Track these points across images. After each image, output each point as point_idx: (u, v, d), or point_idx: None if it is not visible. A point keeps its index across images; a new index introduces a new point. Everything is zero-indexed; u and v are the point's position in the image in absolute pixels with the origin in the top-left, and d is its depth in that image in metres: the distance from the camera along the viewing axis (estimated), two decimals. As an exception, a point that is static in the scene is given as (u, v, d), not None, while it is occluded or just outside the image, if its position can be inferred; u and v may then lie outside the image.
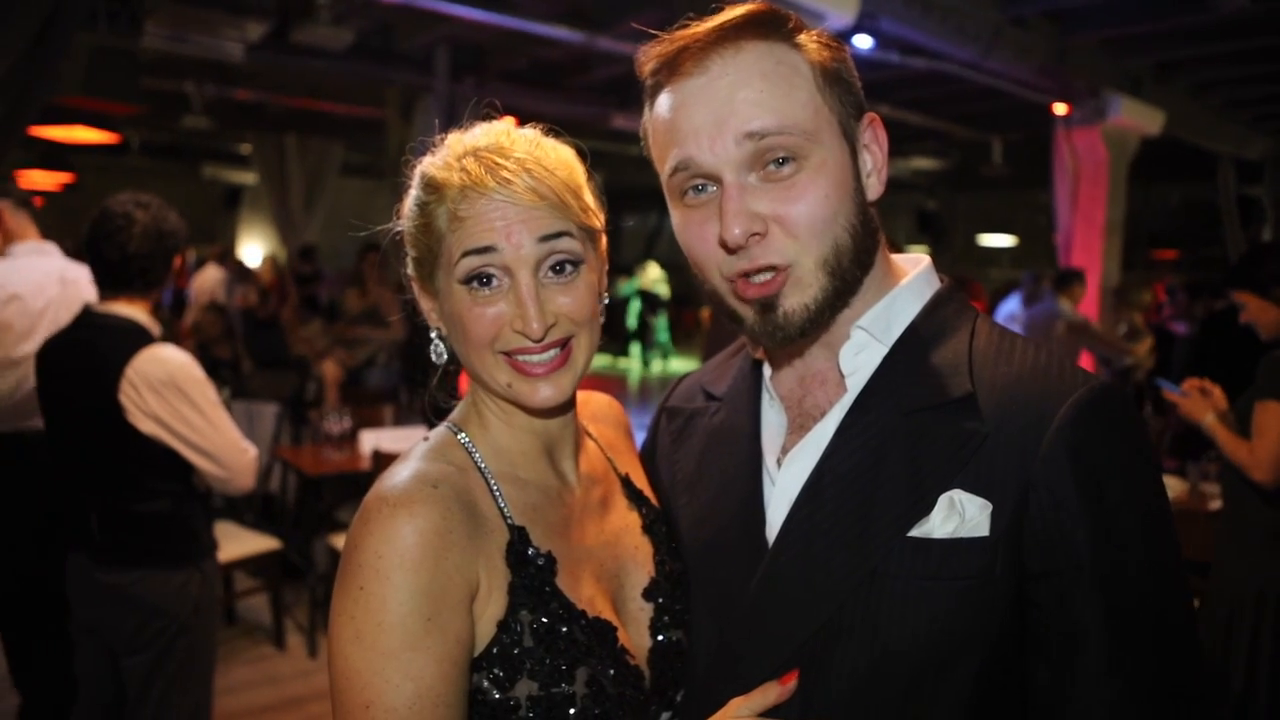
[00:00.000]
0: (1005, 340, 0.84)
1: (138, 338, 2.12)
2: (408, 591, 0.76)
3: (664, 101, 0.85)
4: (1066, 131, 7.94)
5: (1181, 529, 2.83)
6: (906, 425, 0.79)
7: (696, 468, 0.96)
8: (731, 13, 0.80)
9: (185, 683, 2.20)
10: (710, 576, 0.89)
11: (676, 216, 0.86)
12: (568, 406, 0.95)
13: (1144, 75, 8.07)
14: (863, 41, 6.13)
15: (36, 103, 3.19)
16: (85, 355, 2.11)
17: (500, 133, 0.95)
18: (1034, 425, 0.73)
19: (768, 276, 0.78)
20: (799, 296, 0.79)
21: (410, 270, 0.93)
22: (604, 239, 0.97)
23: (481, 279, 0.85)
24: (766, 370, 0.95)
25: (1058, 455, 0.72)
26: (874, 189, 0.84)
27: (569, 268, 0.87)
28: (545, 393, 0.88)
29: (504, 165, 0.86)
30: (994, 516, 0.73)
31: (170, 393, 2.08)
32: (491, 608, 0.82)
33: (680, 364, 15.26)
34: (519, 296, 0.84)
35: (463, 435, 0.93)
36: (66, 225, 14.88)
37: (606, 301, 0.96)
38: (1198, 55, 7.77)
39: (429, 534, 0.77)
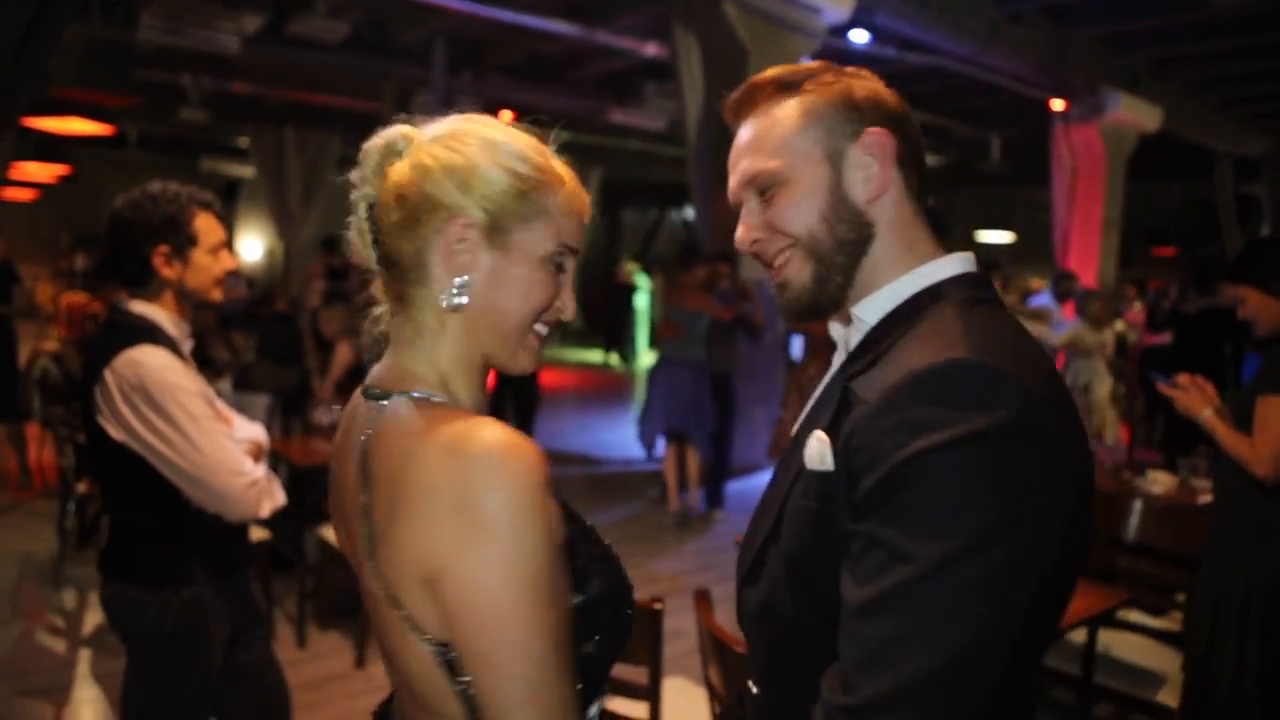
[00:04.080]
0: (957, 324, 0.90)
1: (133, 336, 1.89)
2: (544, 527, 0.84)
3: None
4: (1064, 128, 7.95)
5: (1172, 523, 2.82)
6: (835, 391, 0.97)
7: None
8: (763, 76, 1.03)
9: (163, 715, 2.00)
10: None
11: None
12: None
13: (1141, 72, 8.07)
14: (859, 36, 6.14)
15: (27, 94, 3.19)
16: (90, 352, 2.02)
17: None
18: (884, 384, 0.87)
19: (781, 260, 1.02)
20: (798, 278, 1.00)
21: (479, 217, 0.93)
22: None
23: (560, 266, 0.99)
24: None
25: (877, 410, 0.85)
26: (868, 192, 0.98)
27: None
28: (532, 361, 1.02)
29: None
30: (835, 455, 0.90)
31: (139, 398, 1.85)
32: None
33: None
34: (568, 287, 1.01)
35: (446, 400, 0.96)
36: (64, 218, 14.83)
37: None
38: (1195, 52, 7.77)
39: (543, 472, 0.86)
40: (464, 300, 0.94)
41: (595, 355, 15.64)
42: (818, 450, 0.91)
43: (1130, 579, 3.02)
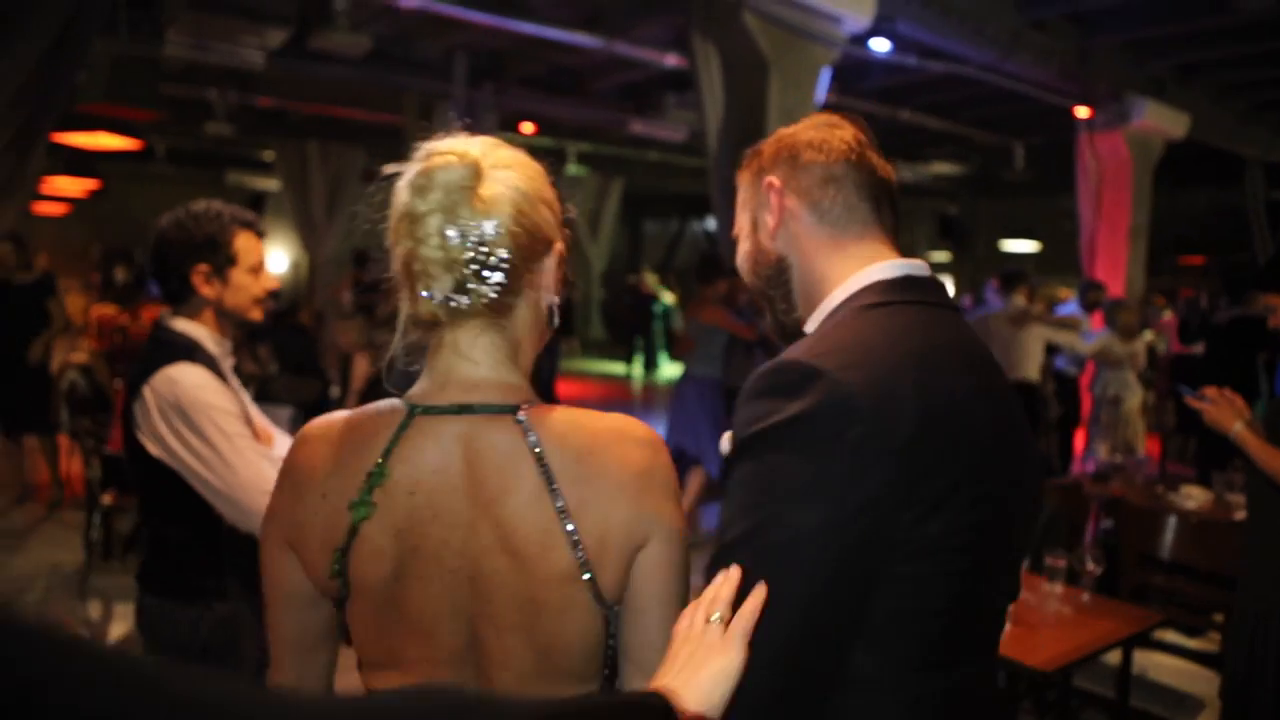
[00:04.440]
0: (829, 329, 1.02)
1: (173, 353, 1.94)
2: None
3: None
4: (1089, 135, 7.86)
5: (1208, 540, 2.76)
6: None
7: None
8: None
9: None
10: None
11: None
12: None
13: (1167, 78, 7.97)
14: (880, 44, 6.10)
15: (56, 110, 3.23)
16: (133, 368, 2.06)
17: None
18: None
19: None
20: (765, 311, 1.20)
21: (561, 247, 1.07)
22: None
23: None
24: None
25: (738, 406, 0.97)
26: (770, 231, 1.15)
27: None
28: None
29: None
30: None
31: (175, 417, 1.90)
32: None
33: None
34: None
35: None
36: (95, 232, 15.06)
37: None
38: (1221, 57, 7.66)
39: None
40: (556, 321, 1.09)
41: (618, 367, 15.63)
42: (726, 442, 1.02)
43: (1165, 598, 2.95)
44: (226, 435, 1.90)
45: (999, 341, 5.49)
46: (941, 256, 17.32)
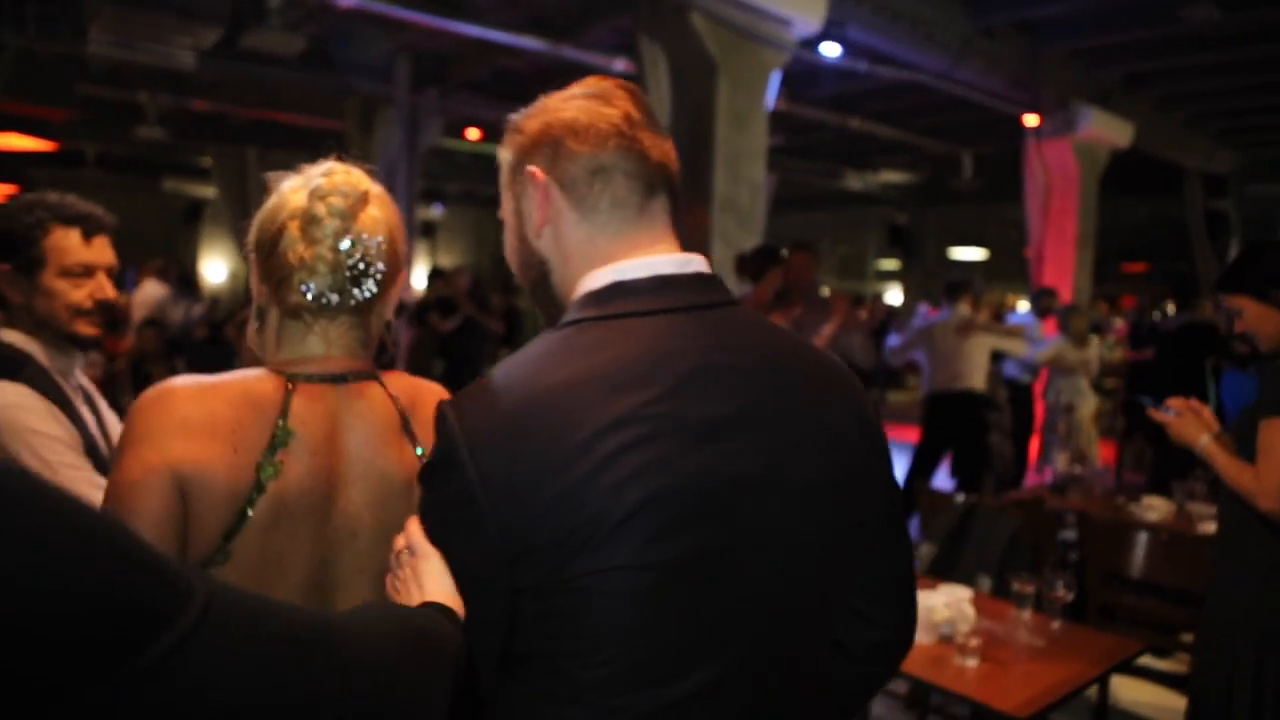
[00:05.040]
0: (513, 359, 0.95)
1: None
2: None
3: None
4: (1037, 144, 7.89)
5: (1171, 555, 2.64)
6: None
7: None
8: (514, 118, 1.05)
9: None
10: None
11: None
12: None
13: (1114, 87, 8.05)
14: (830, 49, 6.02)
15: None
16: None
17: None
18: None
19: None
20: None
21: (405, 275, 1.22)
22: None
23: None
24: None
25: None
26: (532, 229, 1.01)
27: None
28: None
29: None
30: None
31: None
32: None
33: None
34: None
35: None
36: (20, 240, 14.50)
37: None
38: (1166, 67, 7.76)
39: None
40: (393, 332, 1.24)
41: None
42: None
43: (1133, 618, 2.84)
44: (47, 464, 1.62)
45: (944, 351, 5.40)
46: (891, 264, 17.42)
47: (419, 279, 11.31)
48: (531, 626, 0.86)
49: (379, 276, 1.12)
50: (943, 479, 5.61)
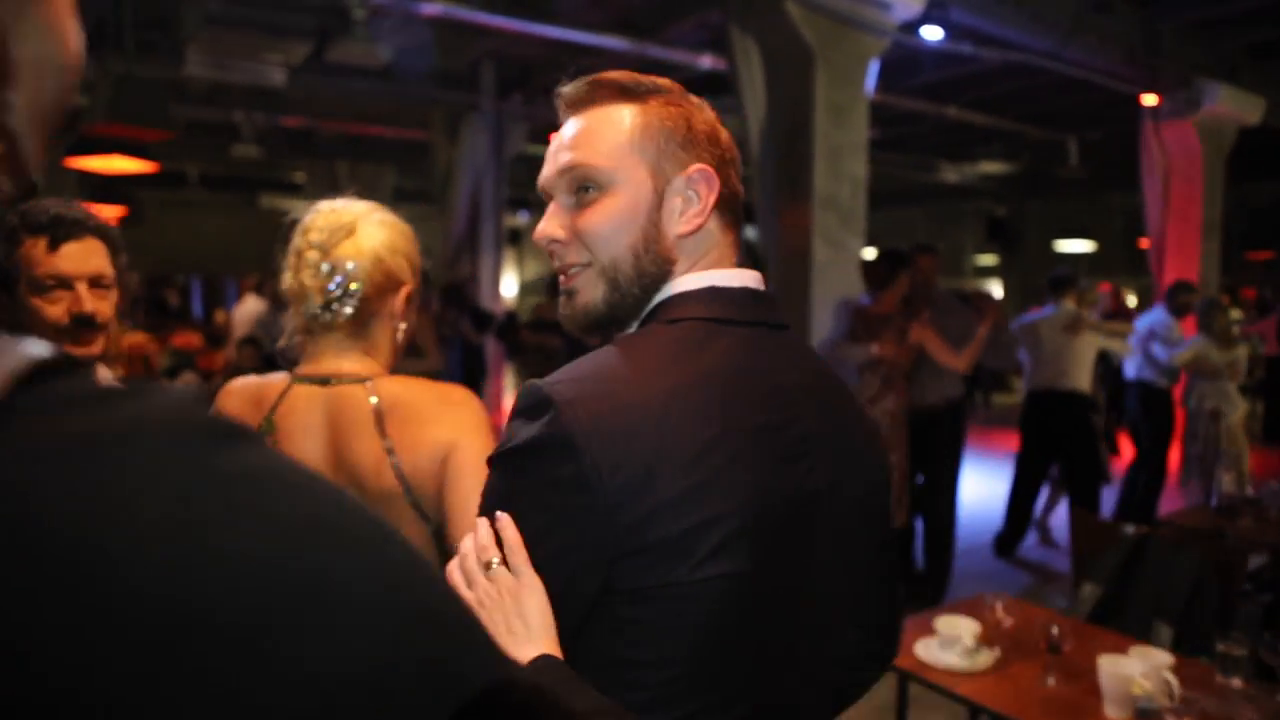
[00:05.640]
0: (604, 347, 0.93)
1: None
2: None
3: None
4: (1155, 125, 7.35)
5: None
6: None
7: None
8: (608, 75, 0.99)
9: None
10: None
11: None
12: None
13: (1240, 60, 7.44)
14: (932, 33, 5.69)
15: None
16: None
17: None
18: None
19: (574, 271, 0.98)
20: (587, 294, 0.97)
21: (409, 289, 1.44)
22: None
23: None
24: None
25: None
26: (681, 226, 0.96)
27: None
28: None
29: None
30: None
31: None
32: None
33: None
34: None
35: None
36: (132, 260, 15.25)
37: None
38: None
39: None
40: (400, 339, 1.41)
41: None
42: None
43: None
44: None
45: (1050, 349, 5.00)
46: (989, 260, 16.74)
47: (509, 289, 11.31)
48: (611, 633, 0.84)
49: (357, 298, 1.31)
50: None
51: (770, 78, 5.10)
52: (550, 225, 0.99)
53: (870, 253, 4.97)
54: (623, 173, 0.95)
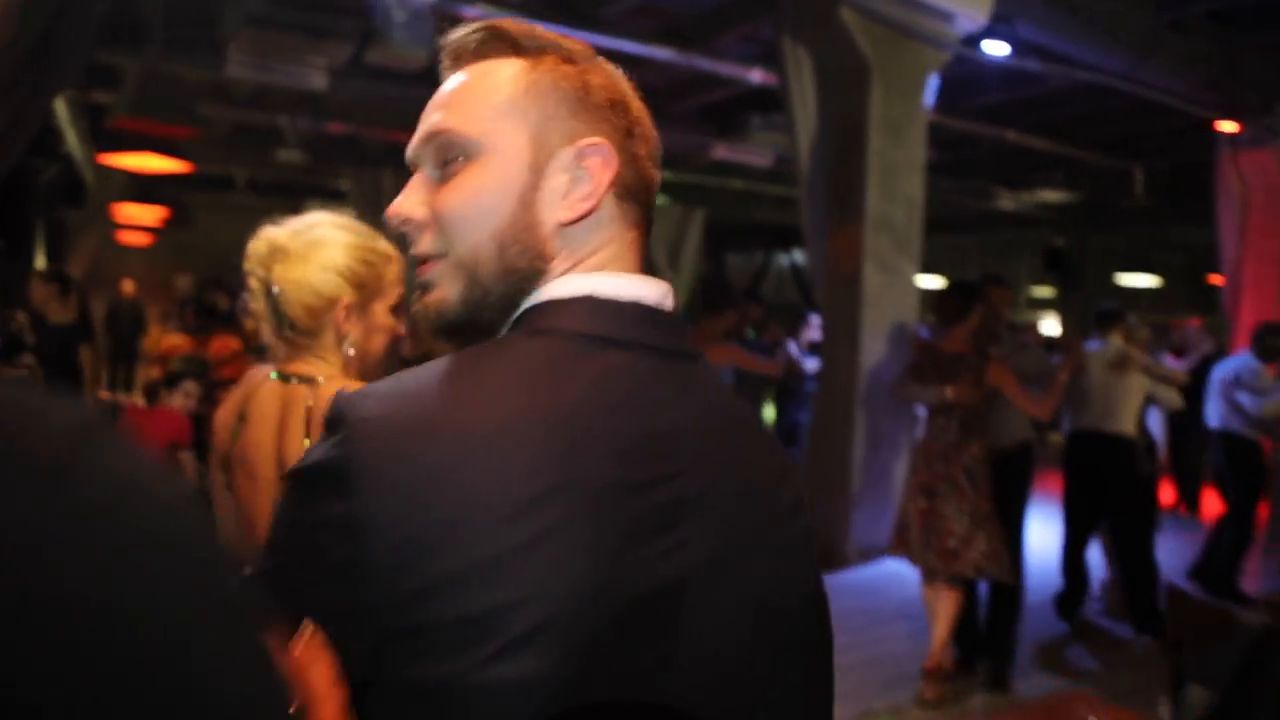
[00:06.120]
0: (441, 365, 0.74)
1: None
2: None
3: None
4: (1233, 153, 6.94)
5: None
6: None
7: None
8: (504, 24, 0.80)
9: None
10: None
11: None
12: None
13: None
14: (997, 48, 5.38)
15: (38, 115, 2.91)
16: None
17: None
18: None
19: (430, 261, 0.80)
20: (441, 290, 0.79)
21: (347, 301, 1.51)
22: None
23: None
24: None
25: None
26: (560, 211, 0.77)
27: None
28: None
29: None
30: None
31: None
32: None
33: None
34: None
35: None
36: (180, 262, 15.46)
37: None
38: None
39: None
40: (350, 351, 1.50)
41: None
42: None
43: None
44: None
45: (1095, 385, 4.62)
46: (1044, 292, 16.22)
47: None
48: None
49: (289, 314, 1.42)
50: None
51: (822, 91, 4.83)
52: (407, 202, 0.79)
53: (928, 281, 4.67)
54: (495, 138, 0.76)
